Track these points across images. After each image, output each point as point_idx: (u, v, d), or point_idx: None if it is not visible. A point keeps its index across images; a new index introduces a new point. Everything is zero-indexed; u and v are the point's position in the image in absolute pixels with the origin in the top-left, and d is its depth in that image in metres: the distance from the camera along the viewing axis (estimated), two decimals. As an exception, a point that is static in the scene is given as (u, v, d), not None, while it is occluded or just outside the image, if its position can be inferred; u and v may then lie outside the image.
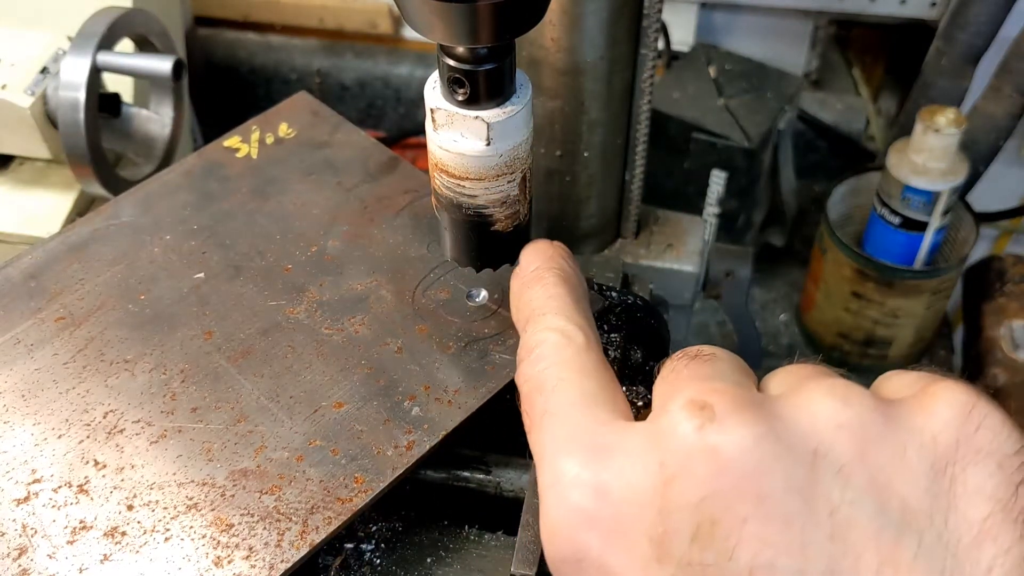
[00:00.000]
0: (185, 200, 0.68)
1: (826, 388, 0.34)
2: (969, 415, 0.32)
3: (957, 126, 1.01)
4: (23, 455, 0.53)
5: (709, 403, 0.33)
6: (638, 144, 0.79)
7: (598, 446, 0.36)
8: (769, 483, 0.31)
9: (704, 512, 0.32)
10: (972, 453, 0.31)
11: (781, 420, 0.33)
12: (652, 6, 0.70)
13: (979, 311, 1.18)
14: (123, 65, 0.89)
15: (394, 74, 1.50)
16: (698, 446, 0.32)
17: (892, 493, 0.31)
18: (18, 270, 0.63)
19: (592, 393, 0.39)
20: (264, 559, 0.48)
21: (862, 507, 0.31)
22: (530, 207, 0.53)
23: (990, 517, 0.30)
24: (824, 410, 0.33)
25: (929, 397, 0.33)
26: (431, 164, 0.51)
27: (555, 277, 0.47)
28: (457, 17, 0.42)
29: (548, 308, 0.45)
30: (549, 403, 0.39)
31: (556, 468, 0.36)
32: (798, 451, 0.32)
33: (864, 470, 0.32)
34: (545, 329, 0.43)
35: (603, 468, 0.35)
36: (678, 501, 0.32)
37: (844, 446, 0.32)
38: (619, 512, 0.34)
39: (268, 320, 0.60)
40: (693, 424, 0.33)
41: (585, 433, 0.37)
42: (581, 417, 0.38)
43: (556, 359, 0.41)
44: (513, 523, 0.51)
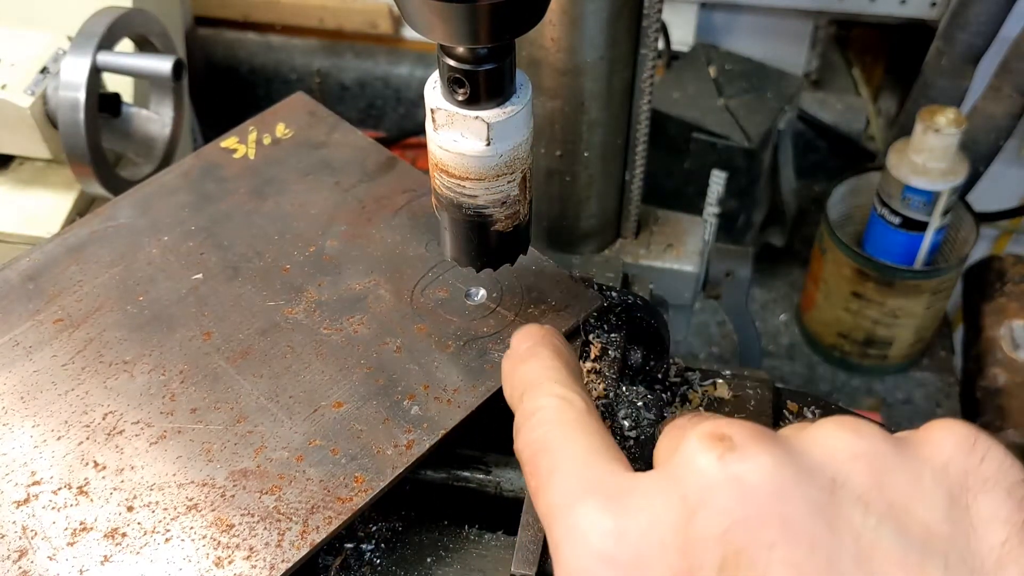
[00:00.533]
0: (183, 201, 0.68)
1: (836, 423, 0.34)
2: (973, 447, 0.33)
3: (957, 126, 1.01)
4: (22, 457, 0.53)
5: (727, 434, 0.33)
6: (638, 144, 0.79)
7: (613, 491, 0.36)
8: (793, 508, 0.31)
9: (729, 542, 0.32)
10: (981, 482, 0.32)
11: (797, 451, 0.33)
12: (652, 6, 0.70)
13: (979, 311, 1.18)
14: (123, 65, 0.89)
15: (394, 74, 1.50)
16: (720, 476, 0.32)
17: (913, 519, 0.32)
18: (16, 272, 0.63)
19: (598, 448, 0.39)
20: (265, 559, 0.48)
21: (885, 532, 0.31)
22: (530, 207, 0.53)
23: (1008, 541, 0.31)
24: (838, 442, 0.33)
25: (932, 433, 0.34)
26: (431, 164, 0.51)
27: (550, 352, 0.46)
28: (457, 17, 0.41)
29: (545, 377, 0.44)
30: (556, 461, 0.39)
31: (571, 517, 0.35)
32: (817, 477, 0.32)
33: (883, 497, 0.32)
34: (545, 395, 0.43)
35: (621, 511, 0.34)
36: (702, 534, 0.32)
37: (861, 475, 0.33)
38: (640, 552, 0.33)
39: (267, 320, 0.60)
40: (714, 455, 0.33)
41: (597, 481, 0.37)
42: (591, 469, 0.37)
43: (558, 421, 0.41)
44: (513, 523, 0.51)
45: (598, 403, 0.56)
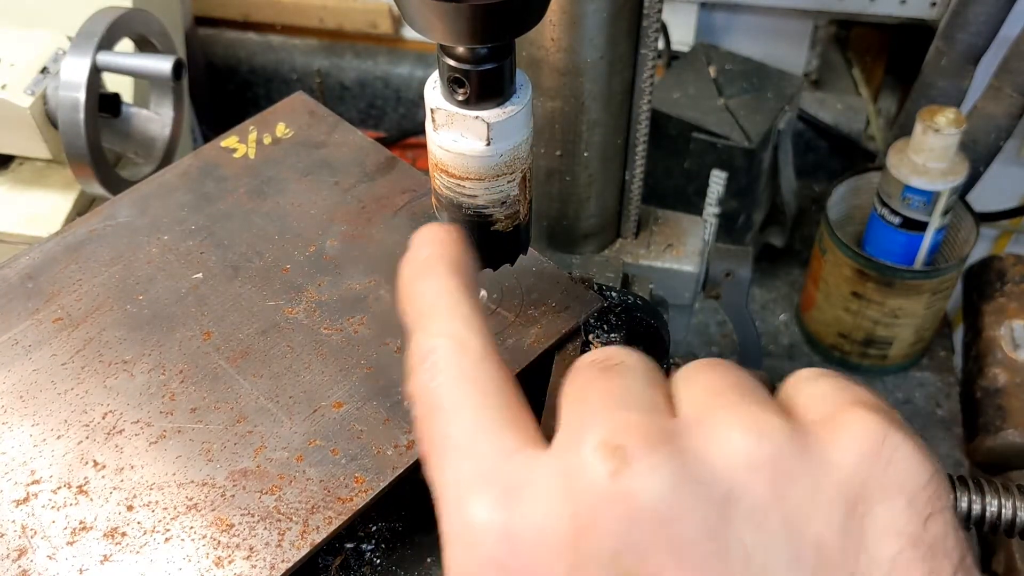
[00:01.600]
0: (182, 201, 0.68)
1: (739, 421, 0.32)
2: (879, 451, 0.31)
3: (957, 126, 1.01)
4: (22, 456, 0.53)
5: (622, 444, 0.31)
6: (638, 144, 0.79)
7: (507, 484, 0.33)
8: (682, 530, 0.30)
9: (619, 565, 0.30)
10: (881, 489, 0.31)
11: (694, 457, 0.31)
12: (652, 6, 0.70)
13: (979, 311, 1.18)
14: (123, 65, 0.89)
15: (394, 74, 1.50)
16: (611, 494, 0.31)
17: (806, 534, 0.30)
18: (15, 271, 0.63)
19: (495, 414, 0.36)
20: (265, 559, 0.48)
21: (776, 551, 0.30)
22: (530, 207, 0.53)
23: (900, 554, 0.30)
24: (737, 447, 0.31)
25: (839, 427, 0.32)
26: (431, 164, 0.51)
27: (447, 268, 0.43)
28: (457, 17, 0.41)
29: (439, 307, 0.41)
30: (449, 428, 0.36)
31: (464, 512, 0.33)
32: (710, 493, 0.31)
33: (778, 512, 0.31)
34: (439, 334, 0.39)
35: (513, 510, 0.33)
36: (592, 555, 0.31)
37: (757, 487, 0.31)
38: (531, 563, 0.32)
39: (267, 320, 0.60)
40: (607, 468, 0.31)
41: (492, 467, 0.34)
42: (487, 447, 0.35)
43: (452, 373, 0.38)
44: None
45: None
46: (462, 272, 0.43)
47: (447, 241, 0.44)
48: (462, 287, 0.42)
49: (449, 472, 0.35)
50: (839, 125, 1.38)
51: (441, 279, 0.42)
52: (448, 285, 0.41)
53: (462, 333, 0.39)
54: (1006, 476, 1.04)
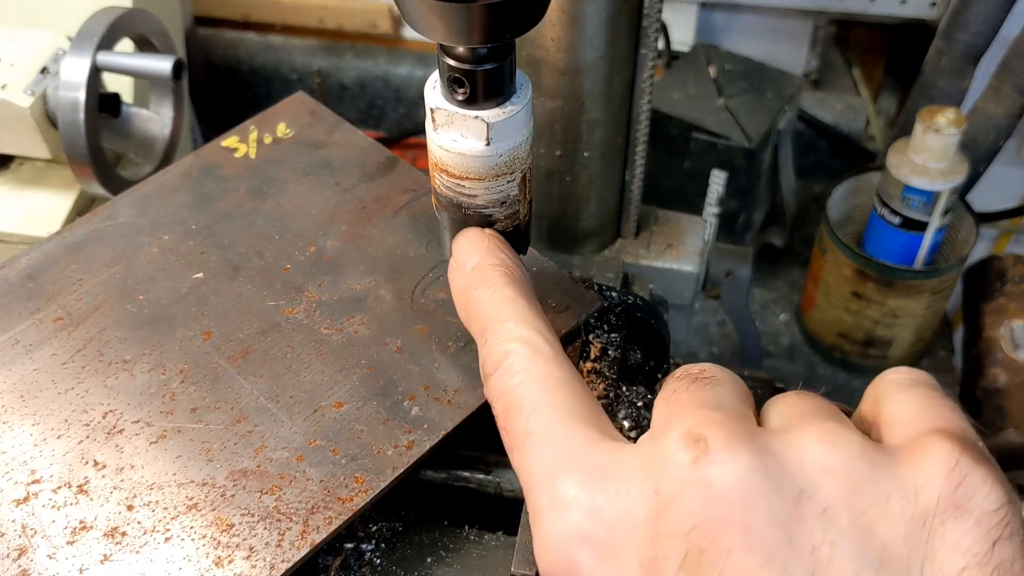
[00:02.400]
0: (183, 200, 0.68)
1: (819, 431, 0.35)
2: (953, 470, 0.33)
3: (957, 126, 1.01)
4: (22, 455, 0.53)
5: (704, 436, 0.34)
6: (638, 144, 0.79)
7: (593, 468, 0.37)
8: (755, 516, 0.32)
9: (693, 541, 0.33)
10: (952, 508, 0.32)
11: (772, 456, 0.34)
12: (652, 6, 0.70)
13: (979, 311, 1.18)
14: (123, 65, 0.89)
15: (394, 74, 1.50)
16: (691, 477, 0.34)
17: (873, 537, 0.32)
18: (16, 271, 0.63)
19: (573, 409, 0.40)
20: (265, 559, 0.48)
21: (842, 548, 0.32)
22: (530, 207, 0.53)
23: (965, 570, 0.31)
24: (813, 452, 0.34)
25: (918, 451, 0.34)
26: (431, 164, 0.51)
27: (502, 276, 0.46)
28: (457, 17, 0.41)
29: (504, 314, 0.44)
30: (531, 423, 0.39)
31: (552, 490, 0.37)
32: (785, 488, 0.33)
33: (847, 513, 0.32)
34: (509, 339, 0.43)
35: (599, 490, 0.36)
36: (670, 529, 0.33)
37: (830, 488, 0.33)
38: (612, 534, 0.35)
39: (267, 320, 0.60)
40: (689, 455, 0.34)
41: (578, 455, 0.38)
42: (570, 438, 0.38)
43: (528, 374, 0.41)
44: (513, 523, 0.51)
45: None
46: (516, 276, 0.46)
47: (491, 247, 0.47)
48: (521, 292, 0.45)
49: (535, 459, 0.38)
50: (839, 125, 1.38)
51: (498, 287, 0.46)
52: (507, 293, 0.45)
53: (532, 337, 0.43)
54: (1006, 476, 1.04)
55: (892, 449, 0.35)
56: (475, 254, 0.48)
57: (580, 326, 0.59)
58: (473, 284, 0.46)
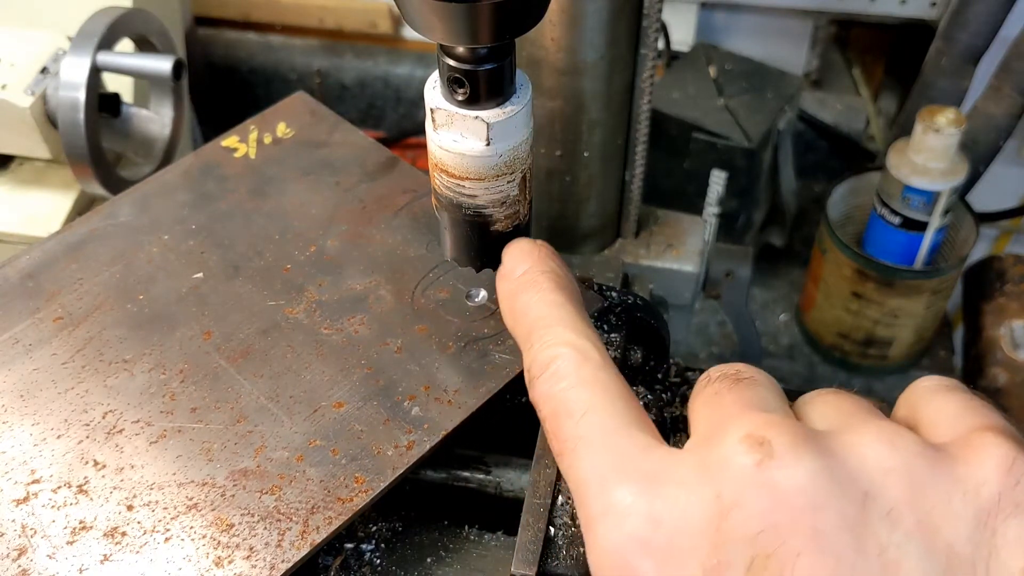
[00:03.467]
0: (183, 200, 0.68)
1: (875, 431, 0.35)
2: (1011, 469, 0.33)
3: (957, 126, 1.01)
4: (22, 455, 0.53)
5: (767, 438, 0.34)
6: (638, 144, 0.79)
7: (649, 474, 0.36)
8: (823, 520, 0.32)
9: (760, 545, 0.32)
10: (1012, 506, 0.33)
11: (835, 459, 0.34)
12: (652, 6, 0.70)
13: (979, 311, 1.18)
14: (123, 65, 0.89)
15: (394, 74, 1.50)
16: (756, 481, 0.33)
17: (938, 538, 0.32)
18: (16, 270, 0.63)
19: (624, 415, 0.39)
20: (265, 559, 0.48)
21: (910, 549, 0.32)
22: (530, 207, 0.53)
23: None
24: (874, 453, 0.34)
25: (973, 449, 0.34)
26: (431, 164, 0.51)
27: (550, 282, 0.46)
28: (457, 17, 0.41)
29: (553, 319, 0.43)
30: (581, 428, 0.39)
31: (607, 497, 0.36)
32: (851, 491, 0.33)
33: (912, 514, 0.33)
34: (557, 344, 0.42)
35: (656, 497, 0.35)
36: (734, 533, 0.33)
37: (893, 490, 0.33)
38: (673, 541, 0.34)
39: (267, 320, 0.60)
40: (752, 459, 0.34)
41: (632, 461, 0.37)
42: (623, 443, 0.38)
43: (577, 379, 0.41)
44: (513, 523, 0.51)
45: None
46: (565, 285, 0.46)
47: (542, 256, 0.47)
48: (569, 300, 0.45)
49: (587, 465, 0.37)
50: (839, 125, 1.38)
51: (546, 293, 0.45)
52: (556, 298, 0.45)
53: (580, 343, 0.42)
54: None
55: (947, 448, 0.35)
56: (525, 262, 0.47)
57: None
58: (521, 289, 0.46)
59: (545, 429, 0.41)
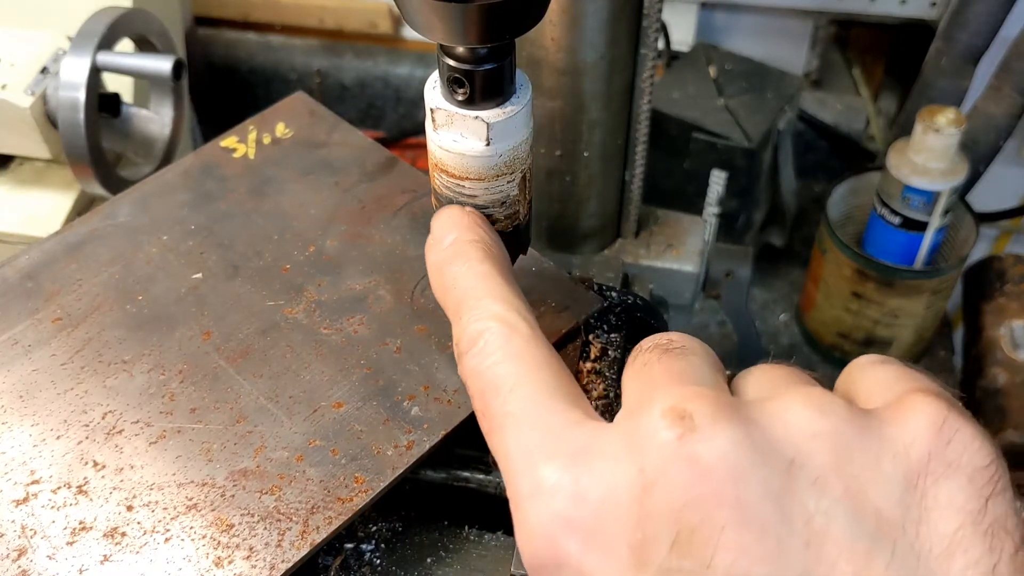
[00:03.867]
0: (182, 200, 0.68)
1: (802, 397, 0.34)
2: (941, 429, 0.32)
3: (957, 126, 1.01)
4: (21, 456, 0.53)
5: (689, 411, 0.33)
6: (638, 144, 0.79)
7: (575, 450, 0.35)
8: (746, 490, 0.31)
9: (683, 520, 0.32)
10: (943, 467, 0.32)
11: (758, 427, 0.33)
12: (652, 6, 0.70)
13: (979, 311, 1.18)
14: (123, 65, 0.89)
15: (394, 74, 1.50)
16: (678, 454, 0.32)
17: (866, 503, 0.31)
18: (15, 270, 0.63)
19: (553, 389, 0.38)
20: (265, 559, 0.48)
21: (837, 516, 0.31)
22: (530, 207, 0.53)
23: (960, 529, 0.31)
24: (800, 419, 0.33)
25: (903, 409, 0.33)
26: (431, 164, 0.51)
27: (479, 252, 0.44)
28: (457, 17, 0.41)
29: (481, 291, 0.42)
30: (509, 403, 0.38)
31: (534, 475, 0.35)
32: (775, 459, 0.32)
33: (839, 480, 0.32)
34: (484, 317, 0.41)
35: (582, 472, 0.34)
36: (658, 508, 0.32)
37: (820, 456, 0.32)
38: (599, 518, 0.33)
39: (267, 320, 0.60)
40: (674, 433, 0.33)
41: (559, 436, 0.36)
42: (550, 418, 0.37)
43: (504, 353, 0.39)
44: (513, 523, 0.51)
45: (598, 403, 0.56)
46: (494, 254, 0.45)
47: (471, 224, 0.45)
48: (498, 269, 0.44)
49: (514, 442, 0.37)
50: (839, 125, 1.38)
51: (474, 263, 0.44)
52: (484, 269, 0.43)
53: (508, 315, 0.41)
54: (1006, 476, 1.04)
55: (877, 411, 0.34)
56: (453, 230, 0.46)
57: (580, 326, 0.59)
58: (449, 260, 0.45)
59: (474, 407, 0.40)
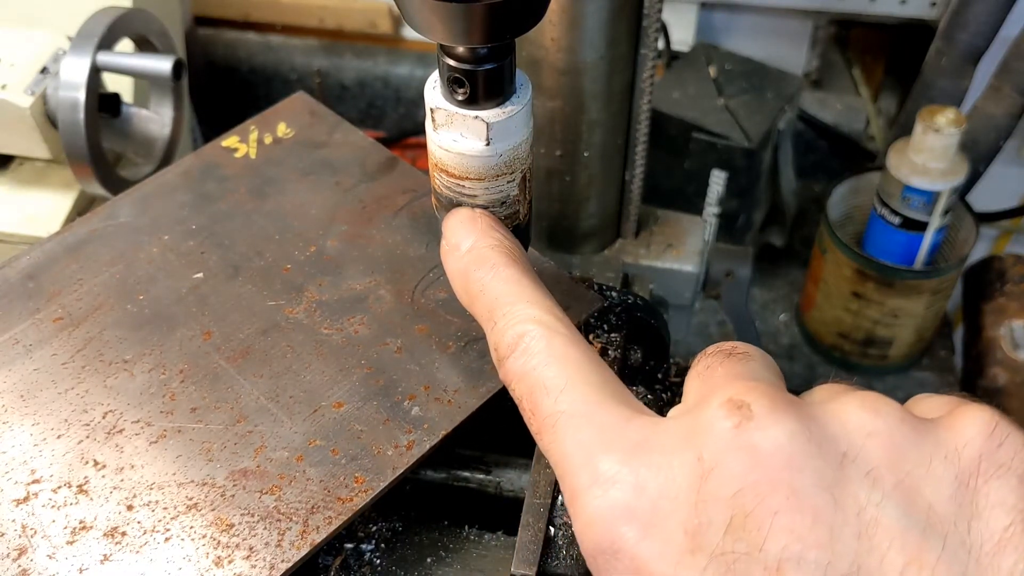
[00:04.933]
0: (183, 200, 0.68)
1: (859, 399, 0.35)
2: (992, 433, 0.34)
3: (957, 126, 1.01)
4: (22, 455, 0.53)
5: (747, 402, 0.34)
6: (638, 144, 0.79)
7: (633, 443, 0.36)
8: (800, 479, 0.32)
9: (738, 505, 0.33)
10: (994, 468, 0.33)
11: (815, 422, 0.34)
12: (652, 6, 0.70)
13: (979, 311, 1.18)
14: (123, 65, 0.89)
15: (394, 74, 1.50)
16: (735, 442, 0.34)
17: (918, 498, 0.33)
18: (16, 271, 0.63)
19: (601, 387, 0.39)
20: (265, 559, 0.48)
21: (888, 509, 0.32)
22: (530, 207, 0.53)
23: (1011, 527, 0.32)
24: (855, 418, 0.34)
25: (955, 416, 0.35)
26: (431, 164, 0.51)
27: (502, 256, 0.45)
28: (457, 17, 0.41)
29: (513, 296, 0.43)
30: (560, 403, 0.39)
31: (593, 468, 0.36)
32: (829, 452, 0.33)
33: (891, 475, 0.33)
34: (522, 321, 0.42)
35: (641, 465, 0.35)
36: (714, 494, 0.33)
37: (873, 452, 0.33)
38: (656, 505, 0.35)
39: (267, 320, 0.60)
40: (731, 422, 0.34)
41: (615, 432, 0.37)
42: (604, 415, 0.38)
43: (548, 355, 0.41)
44: (513, 523, 0.51)
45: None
46: (517, 258, 0.45)
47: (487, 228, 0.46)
48: (525, 272, 0.44)
49: (571, 440, 0.38)
50: (839, 125, 1.38)
51: (500, 268, 0.44)
52: (511, 273, 0.44)
53: (546, 318, 0.42)
54: (1006, 476, 1.04)
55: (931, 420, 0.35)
56: (470, 235, 0.46)
57: (580, 326, 0.59)
58: (473, 266, 0.45)
59: (521, 408, 0.41)
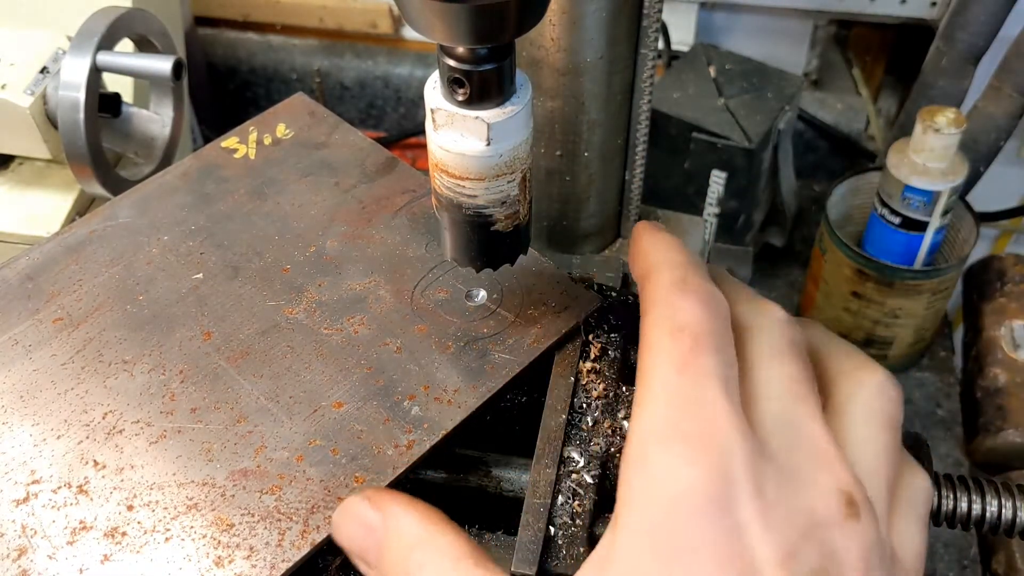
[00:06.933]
0: (183, 201, 0.68)
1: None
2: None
3: (957, 126, 1.01)
4: (22, 456, 0.53)
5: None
6: (638, 144, 0.79)
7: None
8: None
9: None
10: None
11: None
12: (652, 6, 0.70)
13: (979, 311, 1.18)
14: (123, 65, 0.89)
15: (394, 74, 1.50)
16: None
17: None
18: (15, 271, 0.63)
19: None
20: (265, 559, 0.48)
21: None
22: (530, 207, 0.53)
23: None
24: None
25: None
26: (431, 164, 0.51)
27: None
28: (457, 17, 0.41)
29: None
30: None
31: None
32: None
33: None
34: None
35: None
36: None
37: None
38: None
39: (267, 320, 0.60)
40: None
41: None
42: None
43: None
44: (513, 523, 0.51)
45: (597, 403, 0.56)
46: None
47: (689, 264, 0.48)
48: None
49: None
50: (839, 125, 1.39)
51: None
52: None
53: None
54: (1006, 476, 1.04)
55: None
56: (674, 268, 0.47)
57: (580, 326, 0.59)
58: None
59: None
